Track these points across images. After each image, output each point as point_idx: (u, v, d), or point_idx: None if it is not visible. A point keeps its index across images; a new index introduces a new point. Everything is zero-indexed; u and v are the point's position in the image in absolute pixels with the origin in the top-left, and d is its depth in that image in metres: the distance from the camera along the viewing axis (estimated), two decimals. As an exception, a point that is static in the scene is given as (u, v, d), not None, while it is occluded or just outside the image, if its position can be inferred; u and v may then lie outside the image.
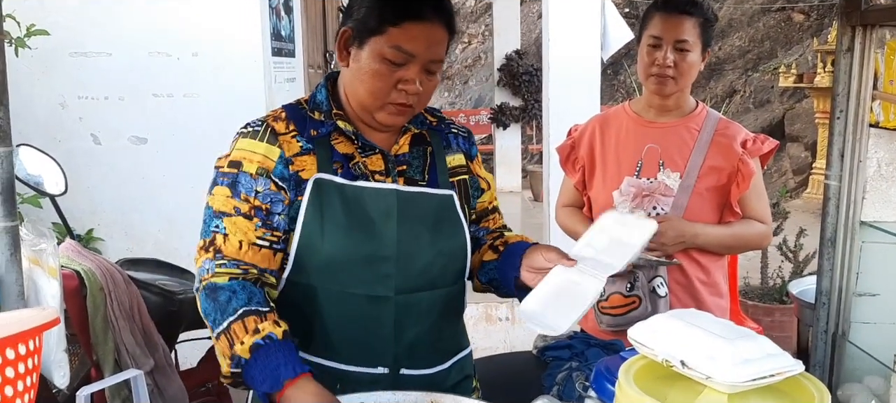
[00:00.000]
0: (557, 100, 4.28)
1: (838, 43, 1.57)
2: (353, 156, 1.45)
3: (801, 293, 2.86)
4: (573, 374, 1.82)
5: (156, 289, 2.15)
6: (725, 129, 2.17)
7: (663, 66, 2.08)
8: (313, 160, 1.42)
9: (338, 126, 1.45)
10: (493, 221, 1.67)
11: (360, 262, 1.42)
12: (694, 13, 2.08)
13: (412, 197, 1.46)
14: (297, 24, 4.96)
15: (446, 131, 1.58)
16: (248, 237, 1.40)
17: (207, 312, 1.38)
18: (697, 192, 2.13)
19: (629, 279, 2.13)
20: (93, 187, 3.87)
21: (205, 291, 1.39)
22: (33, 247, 1.61)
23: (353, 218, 1.41)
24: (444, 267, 1.50)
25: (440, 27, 1.40)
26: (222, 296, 1.36)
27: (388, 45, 1.36)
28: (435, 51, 1.40)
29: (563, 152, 2.35)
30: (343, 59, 1.44)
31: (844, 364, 1.67)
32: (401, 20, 1.36)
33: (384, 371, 1.46)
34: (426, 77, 1.41)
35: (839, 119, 1.58)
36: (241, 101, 3.85)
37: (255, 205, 1.40)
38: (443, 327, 1.54)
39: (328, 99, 1.47)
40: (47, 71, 3.80)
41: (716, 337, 1.09)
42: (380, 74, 1.38)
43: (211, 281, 1.39)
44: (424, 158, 1.53)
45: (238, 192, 1.40)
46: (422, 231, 1.46)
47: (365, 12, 1.39)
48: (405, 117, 1.45)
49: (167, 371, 2.05)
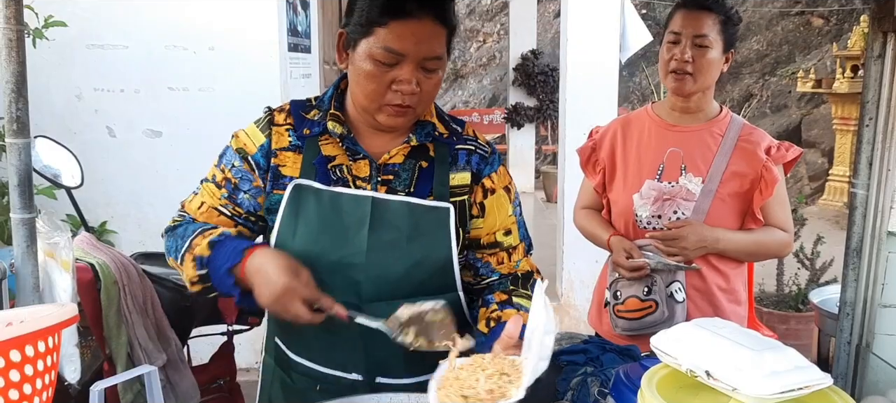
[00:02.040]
0: (575, 101, 4.26)
1: (869, 49, 1.53)
2: (333, 158, 1.44)
3: (823, 302, 2.82)
4: (588, 379, 1.80)
5: (169, 284, 2.14)
6: (749, 135, 2.14)
7: (681, 61, 2.06)
8: (298, 159, 1.44)
9: (327, 127, 1.45)
10: (497, 260, 1.56)
11: (329, 267, 1.41)
12: (715, 10, 2.06)
13: (389, 205, 1.43)
14: (313, 19, 4.95)
15: (456, 145, 1.51)
16: (210, 201, 1.50)
17: (169, 248, 1.49)
18: (719, 198, 2.10)
19: (647, 283, 2.11)
20: (107, 179, 3.88)
21: (165, 234, 1.53)
22: (48, 240, 1.60)
23: (326, 222, 1.41)
24: (424, 280, 1.44)
25: (431, 22, 1.35)
26: (179, 230, 1.49)
27: (376, 45, 1.34)
28: (427, 47, 1.36)
29: (584, 154, 2.33)
30: (342, 61, 1.44)
31: (867, 376, 1.63)
32: (386, 19, 1.33)
33: (359, 378, 1.47)
34: (424, 75, 1.38)
35: (868, 126, 1.54)
36: (256, 96, 3.83)
37: (227, 178, 1.49)
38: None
39: (331, 99, 1.48)
40: (64, 62, 3.81)
41: (742, 348, 1.07)
42: (373, 76, 1.36)
43: (169, 225, 1.53)
44: (413, 171, 1.47)
45: (221, 163, 1.51)
46: (397, 240, 1.42)
47: (356, 14, 1.38)
48: (407, 118, 1.42)
49: (179, 366, 2.04)
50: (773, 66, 11.70)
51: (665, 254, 2.10)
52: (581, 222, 2.38)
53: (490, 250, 1.55)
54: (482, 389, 1.17)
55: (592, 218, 2.33)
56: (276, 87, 3.90)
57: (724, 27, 2.08)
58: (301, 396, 1.50)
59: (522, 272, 1.58)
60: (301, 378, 1.52)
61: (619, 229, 2.23)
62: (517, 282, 1.56)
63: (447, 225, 1.44)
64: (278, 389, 1.56)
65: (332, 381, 1.47)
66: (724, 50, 2.10)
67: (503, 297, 1.52)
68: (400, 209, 1.42)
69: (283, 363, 1.55)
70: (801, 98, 10.70)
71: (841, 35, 10.95)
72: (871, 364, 1.63)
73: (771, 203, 2.13)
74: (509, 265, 1.57)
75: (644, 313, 2.12)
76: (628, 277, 2.13)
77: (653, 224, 2.15)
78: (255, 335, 3.59)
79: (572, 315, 4.28)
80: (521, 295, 1.53)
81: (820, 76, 9.32)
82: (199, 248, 1.40)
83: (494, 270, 1.56)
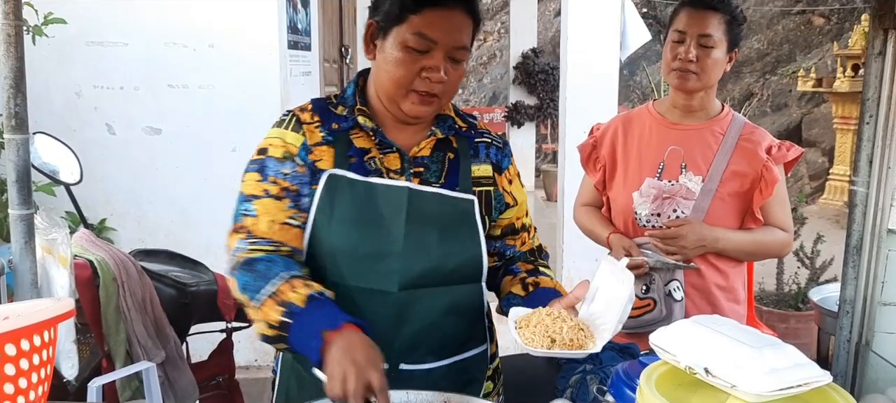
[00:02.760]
0: (575, 99, 4.26)
1: (869, 46, 1.53)
2: (369, 151, 1.47)
3: (822, 300, 2.82)
4: (587, 377, 1.79)
5: (168, 281, 2.14)
6: (750, 135, 2.13)
7: (685, 60, 2.05)
8: (331, 152, 1.45)
9: (358, 121, 1.47)
10: (521, 241, 1.66)
11: (364, 257, 1.44)
12: (721, 9, 2.05)
13: (424, 196, 1.47)
14: (313, 17, 4.95)
15: (475, 138, 1.58)
16: (278, 217, 1.43)
17: (246, 285, 1.38)
18: (719, 197, 2.10)
19: (645, 281, 2.11)
20: (106, 177, 3.88)
21: (240, 267, 1.40)
22: (46, 236, 1.60)
23: (362, 212, 1.43)
24: (454, 270, 1.50)
25: (461, 13, 1.41)
26: (260, 267, 1.38)
27: (409, 32, 1.39)
28: (457, 37, 1.41)
29: (585, 151, 2.32)
30: (369, 52, 1.47)
31: (867, 374, 1.63)
32: (421, 7, 1.38)
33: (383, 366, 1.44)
34: (451, 65, 1.42)
35: (868, 124, 1.54)
36: (256, 94, 3.85)
37: (284, 187, 1.43)
38: (446, 325, 1.53)
39: (354, 95, 1.51)
40: (63, 59, 3.80)
41: (741, 345, 1.07)
42: (403, 62, 1.40)
43: (246, 257, 1.40)
44: (443, 164, 1.52)
45: (266, 176, 1.44)
46: (431, 230, 1.46)
47: (389, 3, 1.41)
48: (432, 108, 1.46)
49: (178, 363, 2.04)
50: (773, 64, 11.70)
51: (664, 253, 2.09)
52: (581, 219, 2.37)
53: (516, 235, 1.65)
54: (566, 336, 1.32)
55: (592, 215, 2.33)
56: (276, 85, 3.90)
57: (729, 27, 2.07)
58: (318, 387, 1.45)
59: (537, 246, 1.70)
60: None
61: (619, 227, 2.22)
62: (535, 255, 1.68)
63: (474, 217, 1.51)
64: (295, 385, 1.55)
65: None
66: (729, 49, 2.09)
67: (529, 267, 1.63)
68: (434, 200, 1.47)
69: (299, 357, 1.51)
70: (802, 97, 10.69)
71: (842, 34, 10.95)
72: (871, 362, 1.63)
73: (771, 202, 2.13)
74: (529, 244, 1.68)
75: (642, 311, 2.11)
76: (627, 275, 2.13)
77: (652, 222, 2.15)
78: (254, 332, 3.59)
79: (572, 313, 4.27)
80: (542, 265, 1.66)
81: (821, 75, 9.32)
82: (289, 296, 1.34)
83: (518, 251, 1.66)
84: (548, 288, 1.56)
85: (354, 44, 6.90)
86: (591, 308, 1.45)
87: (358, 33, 7.07)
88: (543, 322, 1.36)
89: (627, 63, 10.53)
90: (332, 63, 6.05)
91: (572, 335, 1.34)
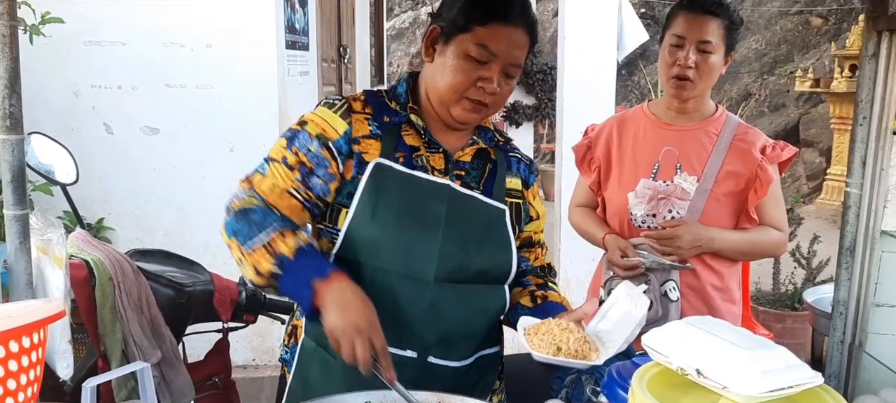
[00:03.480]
0: (572, 99, 4.26)
1: (863, 48, 1.53)
2: (418, 149, 1.54)
3: (817, 301, 2.82)
4: (582, 378, 1.80)
5: (165, 281, 2.13)
6: (745, 135, 2.14)
7: (684, 66, 2.05)
8: (378, 145, 1.51)
9: (410, 118, 1.54)
10: (534, 256, 1.72)
11: (405, 244, 1.48)
12: (719, 14, 2.04)
13: (465, 197, 1.54)
14: (311, 17, 4.95)
15: (509, 152, 1.67)
16: (282, 183, 1.48)
17: (237, 230, 1.43)
18: (714, 197, 2.10)
19: (641, 282, 2.11)
20: (104, 176, 3.88)
21: (235, 214, 1.46)
22: (42, 236, 1.60)
23: (406, 203, 1.48)
24: (485, 271, 1.56)
25: (523, 32, 1.48)
26: (256, 216, 1.43)
27: (473, 42, 1.45)
28: (516, 54, 1.48)
29: (579, 152, 2.32)
30: (428, 55, 1.53)
31: (860, 375, 1.64)
32: (488, 20, 1.45)
33: (413, 356, 1.50)
34: (504, 79, 1.49)
35: (862, 125, 1.54)
36: (253, 93, 3.86)
37: (301, 161, 1.48)
38: (474, 322, 1.58)
39: (407, 92, 1.58)
40: (61, 59, 3.80)
41: (733, 346, 1.07)
42: (462, 70, 1.46)
43: (243, 206, 1.46)
44: (483, 171, 1.60)
45: (292, 145, 1.50)
46: (468, 230, 1.53)
47: (455, 12, 1.48)
48: (480, 115, 1.53)
49: (174, 363, 2.03)
50: (771, 65, 11.71)
51: (660, 253, 2.10)
52: (576, 220, 2.37)
53: (531, 248, 1.71)
54: (572, 346, 1.40)
55: (587, 216, 2.33)
56: (274, 85, 3.90)
57: (727, 31, 2.06)
58: (343, 372, 1.45)
59: (547, 263, 1.77)
60: None
61: (614, 228, 2.23)
62: (545, 271, 1.75)
63: (506, 224, 1.58)
64: (318, 370, 1.56)
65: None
66: (726, 53, 2.09)
67: (539, 281, 1.71)
68: (472, 203, 1.55)
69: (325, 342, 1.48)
70: (800, 97, 10.71)
71: (839, 34, 10.96)
72: (865, 363, 1.63)
73: (766, 202, 2.13)
74: (542, 259, 1.74)
75: (638, 311, 2.11)
76: (623, 276, 2.13)
77: (647, 223, 2.15)
78: (250, 332, 3.59)
79: (569, 313, 4.28)
80: (551, 281, 1.74)
81: (818, 75, 9.34)
82: (281, 247, 1.39)
83: (531, 265, 1.72)
84: (556, 302, 1.63)
85: (353, 44, 6.89)
86: (600, 324, 1.51)
87: (356, 33, 7.07)
88: (552, 331, 1.44)
89: (626, 63, 10.53)
90: (331, 63, 6.04)
91: (578, 346, 1.41)
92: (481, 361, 1.62)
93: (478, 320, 1.58)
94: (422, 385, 1.37)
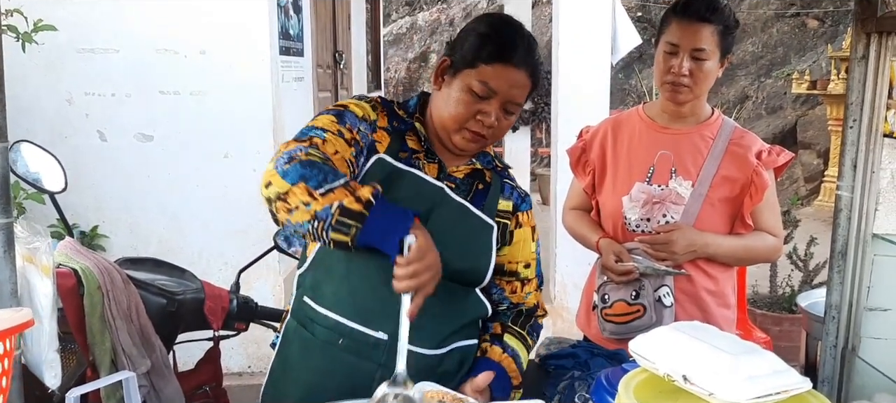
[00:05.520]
0: (566, 103, 4.25)
1: (852, 50, 1.52)
2: (418, 153, 1.65)
3: (810, 306, 2.80)
4: (575, 383, 1.79)
5: (155, 289, 2.12)
6: (740, 139, 2.12)
7: (678, 74, 2.03)
8: (388, 140, 1.62)
9: (415, 126, 1.65)
10: (512, 289, 1.76)
11: None
12: (713, 20, 2.01)
13: (454, 202, 1.63)
14: (306, 23, 4.95)
15: (505, 179, 1.76)
16: (343, 152, 1.52)
17: (307, 177, 1.38)
18: (709, 202, 2.09)
19: (635, 287, 2.10)
20: (98, 184, 3.87)
21: (301, 162, 1.40)
22: (28, 245, 1.59)
23: (397, 194, 1.54)
24: (462, 271, 1.62)
25: (526, 75, 1.59)
26: (327, 167, 1.40)
27: (477, 78, 1.56)
28: (515, 93, 1.58)
29: (574, 154, 2.31)
30: (437, 83, 1.65)
31: (854, 380, 1.63)
32: (493, 61, 1.56)
33: (383, 337, 1.56)
34: (503, 115, 1.60)
35: (852, 128, 1.53)
36: (248, 100, 3.85)
37: (355, 138, 1.56)
38: (448, 315, 1.64)
39: (416, 107, 1.70)
40: (54, 67, 3.80)
41: (720, 352, 1.07)
42: (464, 102, 1.57)
43: (310, 158, 1.41)
44: (472, 189, 1.69)
45: (343, 122, 1.56)
46: (452, 228, 1.60)
47: (466, 48, 1.59)
48: (478, 146, 1.64)
49: (164, 372, 2.02)
50: (768, 67, 11.72)
51: (654, 258, 2.08)
52: (570, 223, 2.36)
53: (507, 278, 1.75)
54: None
55: (581, 219, 2.31)
56: (268, 91, 3.89)
57: (722, 37, 2.03)
58: (320, 350, 1.60)
59: (528, 306, 1.79)
60: (325, 332, 1.60)
61: (608, 232, 2.21)
62: (520, 316, 1.79)
63: (491, 239, 1.67)
64: (297, 347, 1.65)
65: (356, 337, 1.57)
66: (722, 57, 2.07)
67: (498, 330, 1.76)
68: (460, 208, 1.64)
69: (307, 321, 1.64)
70: (797, 99, 10.71)
71: (836, 36, 10.97)
72: (858, 367, 1.62)
73: (761, 208, 2.12)
74: (520, 295, 1.77)
75: (632, 317, 2.10)
76: (617, 281, 2.12)
77: (642, 227, 2.14)
78: (246, 339, 3.58)
79: (565, 318, 4.26)
80: (512, 333, 1.76)
81: (815, 77, 9.33)
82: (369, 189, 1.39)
83: (506, 297, 1.76)
84: (489, 360, 1.69)
85: (349, 49, 6.90)
86: None
87: (352, 39, 7.07)
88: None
89: (622, 66, 10.53)
90: (327, 69, 6.05)
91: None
92: (457, 352, 1.68)
93: (450, 314, 1.65)
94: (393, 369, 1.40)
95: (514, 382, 1.70)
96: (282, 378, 1.68)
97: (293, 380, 1.65)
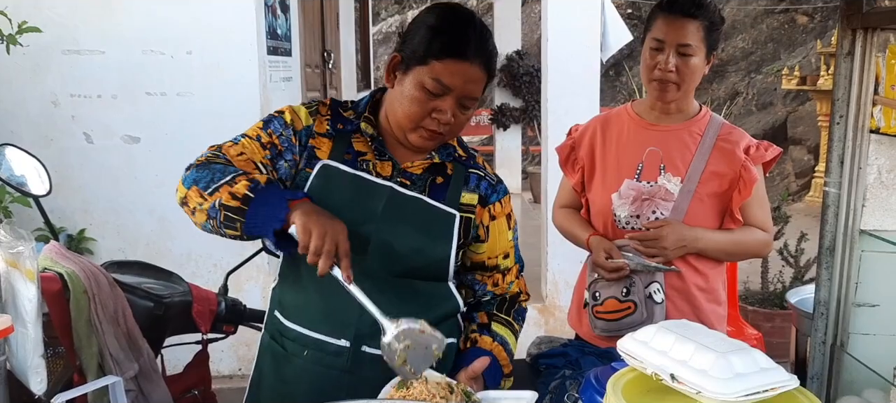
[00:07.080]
0: (556, 100, 4.24)
1: (838, 46, 1.53)
2: (365, 154, 1.61)
3: (800, 302, 2.80)
4: (566, 382, 1.79)
5: (141, 293, 2.10)
6: (728, 135, 2.13)
7: (665, 70, 2.03)
8: (330, 145, 1.60)
9: (360, 127, 1.61)
10: (493, 282, 1.74)
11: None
12: (698, 16, 2.02)
13: (405, 197, 1.59)
14: (293, 22, 4.93)
15: (470, 168, 1.69)
16: (252, 155, 1.54)
17: (198, 179, 1.45)
18: (698, 197, 2.09)
19: (625, 284, 2.09)
20: (85, 186, 3.85)
21: (197, 167, 1.49)
22: (10, 249, 1.57)
23: (346, 200, 1.54)
24: (423, 267, 1.60)
25: (480, 68, 1.53)
26: (217, 166, 1.47)
27: (429, 76, 1.50)
28: (471, 88, 1.53)
29: (563, 152, 2.31)
30: (389, 81, 1.59)
31: (843, 376, 1.63)
32: (444, 56, 1.50)
33: (346, 344, 1.56)
34: (460, 110, 1.55)
35: (839, 124, 1.54)
36: (235, 100, 3.83)
37: (273, 142, 1.57)
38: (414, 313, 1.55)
39: (366, 106, 1.65)
40: (39, 68, 3.78)
41: (707, 350, 1.06)
42: (418, 100, 1.52)
43: (207, 159, 1.50)
44: (429, 183, 1.64)
45: (267, 128, 1.58)
46: (406, 227, 1.57)
47: (415, 43, 1.53)
48: (435, 143, 1.60)
49: (152, 376, 2.00)
50: (758, 63, 11.76)
51: (644, 255, 2.08)
52: (560, 221, 2.36)
53: (488, 272, 1.73)
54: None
55: (571, 217, 2.31)
56: (255, 91, 3.88)
57: (707, 33, 2.04)
58: (289, 362, 1.62)
59: (512, 294, 1.77)
60: (292, 344, 1.62)
61: (598, 229, 2.21)
62: (503, 304, 1.76)
63: (451, 228, 1.62)
64: (270, 360, 1.67)
65: (319, 347, 1.58)
66: (708, 54, 2.07)
67: (485, 319, 1.74)
68: (413, 202, 1.60)
69: (277, 334, 1.66)
70: (787, 95, 10.75)
71: (825, 32, 11.02)
72: (846, 363, 1.62)
73: (750, 203, 2.12)
74: (503, 286, 1.75)
75: (623, 314, 2.10)
76: (608, 278, 2.12)
77: (631, 224, 2.14)
78: (236, 341, 3.56)
79: (557, 316, 4.26)
80: (499, 320, 1.74)
81: (805, 73, 9.36)
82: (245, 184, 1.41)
83: (488, 290, 1.74)
84: (481, 349, 1.67)
85: (337, 49, 6.87)
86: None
87: (340, 38, 7.05)
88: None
89: (613, 64, 10.54)
90: (315, 68, 6.02)
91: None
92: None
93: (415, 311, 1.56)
94: (356, 374, 1.45)
95: (505, 370, 1.69)
96: (258, 391, 1.71)
97: (268, 391, 1.67)
